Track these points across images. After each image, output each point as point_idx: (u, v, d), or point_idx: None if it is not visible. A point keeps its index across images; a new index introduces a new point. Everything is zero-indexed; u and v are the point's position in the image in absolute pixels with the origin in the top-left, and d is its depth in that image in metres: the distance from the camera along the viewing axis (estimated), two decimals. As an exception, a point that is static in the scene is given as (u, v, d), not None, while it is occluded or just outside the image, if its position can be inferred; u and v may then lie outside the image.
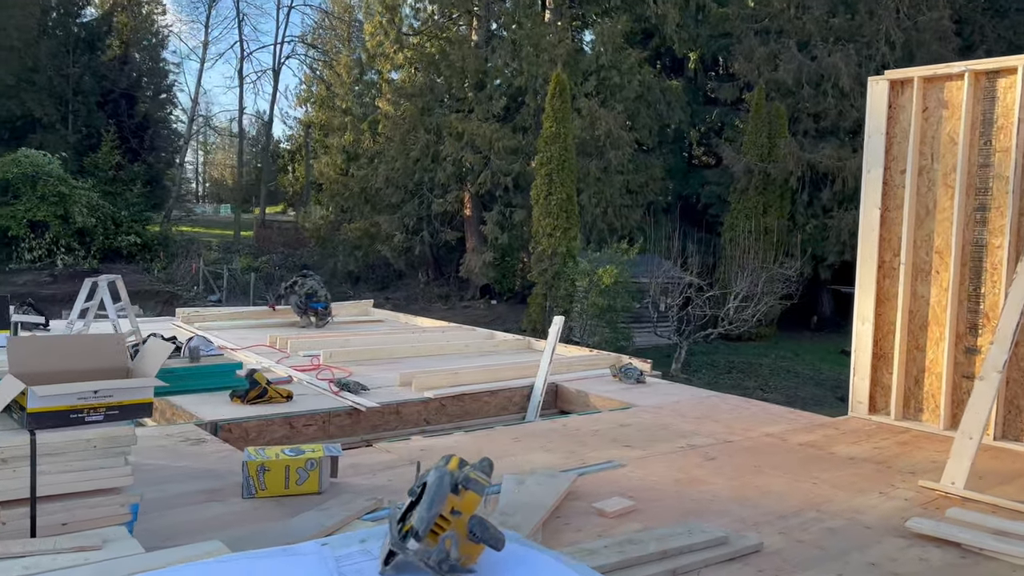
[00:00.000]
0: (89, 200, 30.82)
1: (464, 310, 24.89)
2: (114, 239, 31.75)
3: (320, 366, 7.46)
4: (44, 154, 30.98)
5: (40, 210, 29.12)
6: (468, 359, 8.45)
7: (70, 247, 30.35)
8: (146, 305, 27.27)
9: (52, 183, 29.36)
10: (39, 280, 28.55)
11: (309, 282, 10.48)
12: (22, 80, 36.54)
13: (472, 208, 24.61)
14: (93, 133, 36.82)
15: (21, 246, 29.38)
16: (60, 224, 29.76)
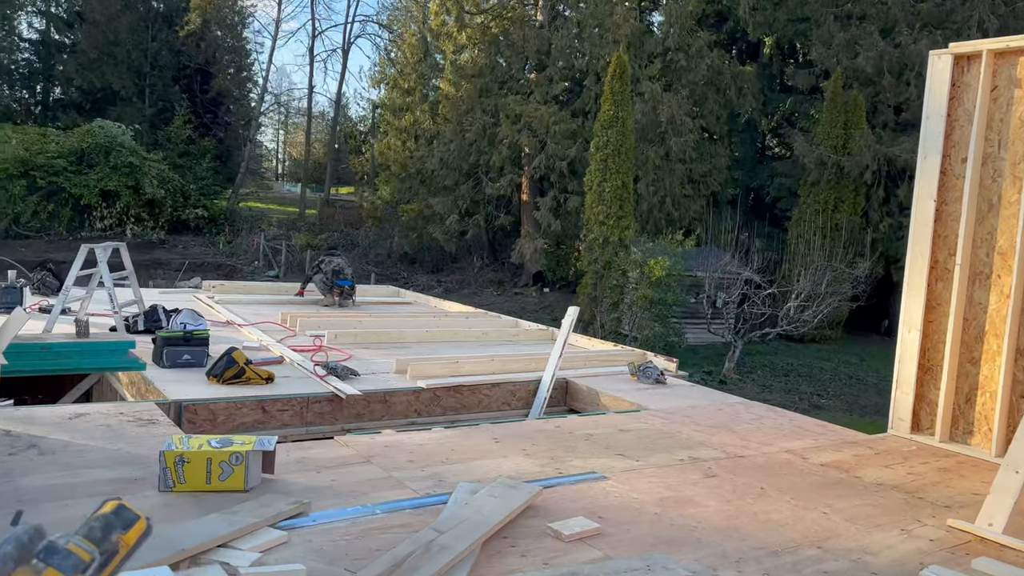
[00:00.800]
0: (159, 172, 31.53)
1: (515, 297, 24.45)
2: (182, 211, 32.44)
3: (320, 347, 7.11)
4: (118, 125, 31.82)
5: (112, 180, 29.91)
6: (483, 347, 7.98)
7: (139, 217, 31.13)
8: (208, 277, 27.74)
9: (124, 154, 30.12)
10: (108, 249, 29.37)
11: (336, 260, 10.20)
12: (103, 53, 37.71)
13: (529, 193, 24.09)
14: (168, 107, 37.75)
15: (93, 214, 30.27)
16: (131, 194, 30.53)
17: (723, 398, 6.72)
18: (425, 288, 25.13)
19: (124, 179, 30.35)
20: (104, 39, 37.50)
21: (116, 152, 30.20)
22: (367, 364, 6.65)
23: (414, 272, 26.66)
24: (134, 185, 30.66)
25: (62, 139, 29.59)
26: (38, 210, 29.22)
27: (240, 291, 10.42)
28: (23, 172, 28.45)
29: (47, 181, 28.93)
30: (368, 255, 27.31)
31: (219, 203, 33.84)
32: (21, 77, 41.09)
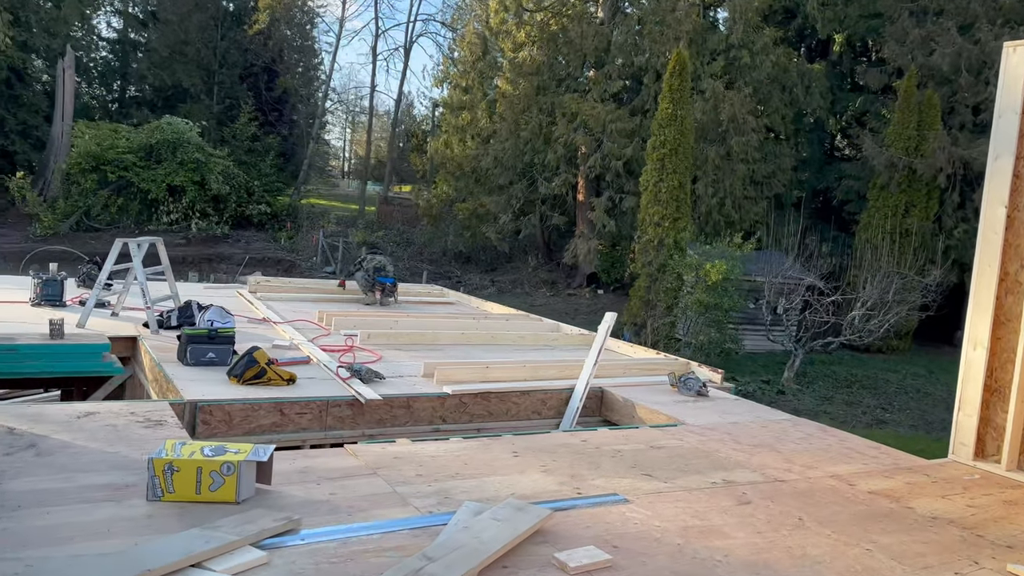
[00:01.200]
0: (224, 168, 32.19)
1: (568, 298, 24.11)
2: (246, 207, 33.06)
3: (351, 347, 6.96)
4: (186, 122, 32.61)
5: (179, 175, 30.65)
6: (519, 351, 7.73)
7: (205, 212, 31.83)
8: (268, 272, 28.23)
9: (191, 150, 30.84)
10: (173, 242, 30.07)
11: (378, 257, 10.09)
12: (175, 52, 38.81)
13: (584, 193, 23.73)
14: (234, 105, 38.59)
15: (160, 209, 31.07)
16: (196, 190, 31.24)
17: (769, 414, 6.31)
18: (478, 288, 25.00)
19: (190, 174, 31.07)
20: (176, 38, 38.58)
21: (183, 148, 30.96)
22: (396, 366, 6.46)
23: (468, 271, 26.55)
24: (200, 181, 31.37)
25: (132, 135, 30.48)
26: (108, 204, 30.16)
27: (284, 287, 10.39)
28: (94, 167, 29.40)
29: (117, 176, 29.83)
30: (423, 253, 27.35)
31: (282, 200, 34.39)
32: (99, 75, 42.62)
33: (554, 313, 22.39)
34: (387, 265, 10.01)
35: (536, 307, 23.16)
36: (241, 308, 8.61)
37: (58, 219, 28.52)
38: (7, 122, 34.18)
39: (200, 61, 38.83)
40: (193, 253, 29.09)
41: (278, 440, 5.13)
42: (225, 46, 39.42)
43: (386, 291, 9.90)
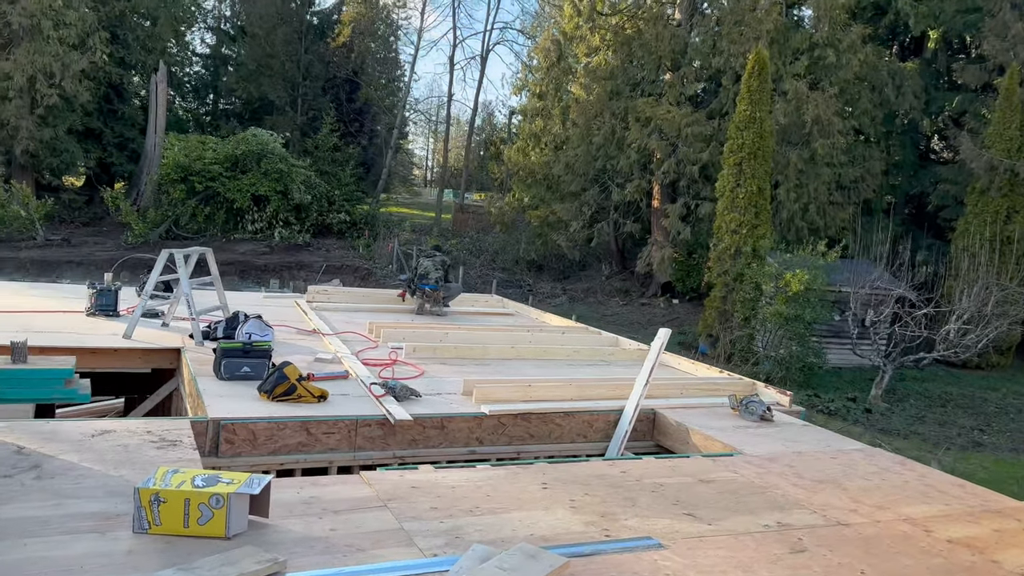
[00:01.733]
0: (306, 178, 32.88)
1: (642, 307, 23.47)
2: (327, 216, 33.66)
3: (394, 361, 6.73)
4: (270, 133, 33.49)
5: (263, 185, 31.45)
6: (571, 368, 7.34)
7: (287, 221, 32.56)
8: (346, 280, 28.66)
9: (274, 161, 31.61)
10: (257, 250, 30.94)
11: (425, 262, 9.87)
12: (261, 65, 40.01)
13: (660, 199, 23.07)
14: (317, 116, 39.46)
15: (245, 218, 31.93)
16: (280, 199, 31.99)
17: (840, 443, 5.73)
18: (549, 296, 24.64)
19: (274, 184, 31.83)
20: (262, 51, 39.77)
21: (267, 159, 31.76)
22: (438, 382, 6.19)
23: (540, 279, 26.22)
24: (283, 190, 32.09)
25: (219, 146, 31.46)
26: (196, 213, 31.19)
27: (342, 297, 10.30)
28: (183, 177, 30.46)
29: (204, 186, 30.82)
30: (495, 261, 27.17)
31: (361, 208, 34.89)
32: (193, 89, 44.35)
33: (626, 323, 21.82)
34: (432, 271, 9.77)
35: (608, 316, 22.64)
36: (294, 319, 8.54)
37: (149, 228, 29.66)
38: (105, 136, 35.83)
39: (285, 74, 39.91)
40: (276, 261, 29.79)
41: (305, 461, 4.92)
42: (308, 59, 40.40)
43: (427, 296, 9.68)
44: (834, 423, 14.31)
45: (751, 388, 6.94)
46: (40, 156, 29.90)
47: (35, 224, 27.58)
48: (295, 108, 40.68)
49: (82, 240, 29.53)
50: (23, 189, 27.44)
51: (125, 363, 6.54)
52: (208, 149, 31.16)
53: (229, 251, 30.09)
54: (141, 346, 6.54)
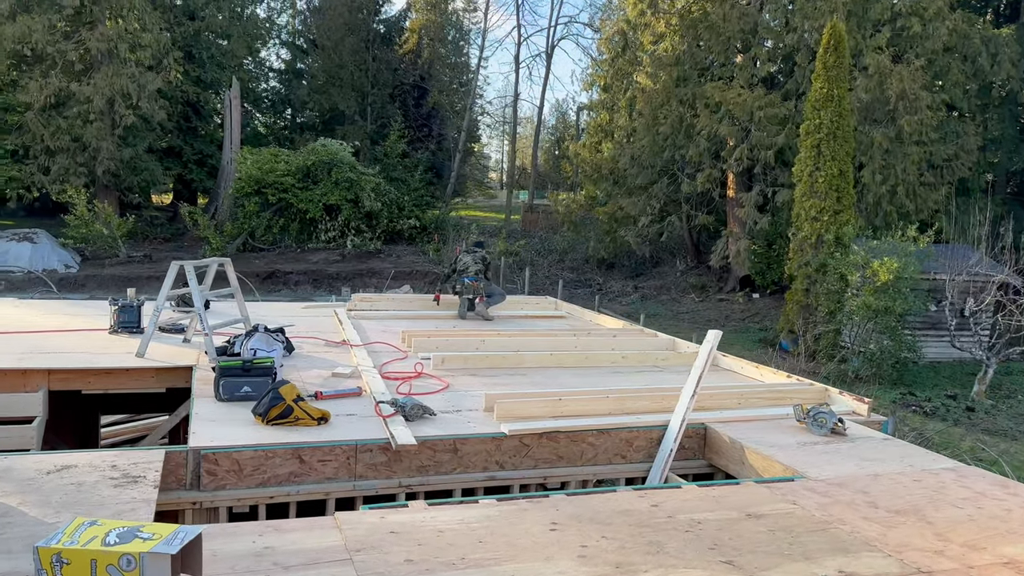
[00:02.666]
0: (376, 185, 32.99)
1: (719, 303, 22.32)
2: (397, 222, 33.70)
3: (419, 374, 6.18)
4: (340, 143, 33.75)
5: (334, 194, 31.68)
6: (617, 375, 6.63)
7: (359, 229, 32.74)
8: (416, 285, 28.53)
9: (344, 170, 31.81)
10: (330, 259, 31.18)
11: (464, 258, 9.32)
12: (331, 76, 40.53)
13: (735, 187, 21.86)
14: (386, 123, 39.68)
15: (319, 227, 32.26)
16: (351, 208, 32.18)
17: (926, 460, 4.83)
18: (620, 295, 23.76)
19: (344, 193, 32.03)
20: (331, 63, 40.27)
21: (337, 168, 31.99)
22: (459, 397, 5.59)
23: (611, 277, 25.36)
24: (353, 199, 32.26)
25: (290, 158, 31.86)
26: (270, 224, 31.68)
27: (389, 304, 9.86)
28: (256, 190, 30.96)
29: (277, 197, 31.25)
30: (564, 260, 26.47)
31: (431, 213, 34.79)
32: (270, 104, 45.35)
33: (701, 320, 20.76)
34: (470, 265, 9.19)
35: (682, 314, 21.63)
36: (328, 329, 8.11)
37: (225, 241, 30.25)
38: (185, 153, 36.91)
39: (354, 83, 40.28)
40: (347, 269, 29.91)
41: (298, 493, 4.40)
42: (376, 67, 40.67)
43: (465, 288, 9.11)
44: (932, 424, 13.03)
45: (822, 395, 6.07)
46: (121, 175, 30.91)
47: (117, 241, 28.47)
48: (364, 117, 41.01)
49: (163, 256, 30.35)
50: (105, 208, 28.37)
51: (138, 383, 6.21)
52: (280, 161, 31.60)
53: (303, 261, 30.43)
54: (154, 365, 6.19)
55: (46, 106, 28.72)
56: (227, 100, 35.26)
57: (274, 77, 46.42)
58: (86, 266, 27.66)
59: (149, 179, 32.99)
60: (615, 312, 21.18)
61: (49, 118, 29.09)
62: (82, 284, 26.29)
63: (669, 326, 19.79)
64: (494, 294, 9.40)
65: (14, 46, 28.20)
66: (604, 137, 24.05)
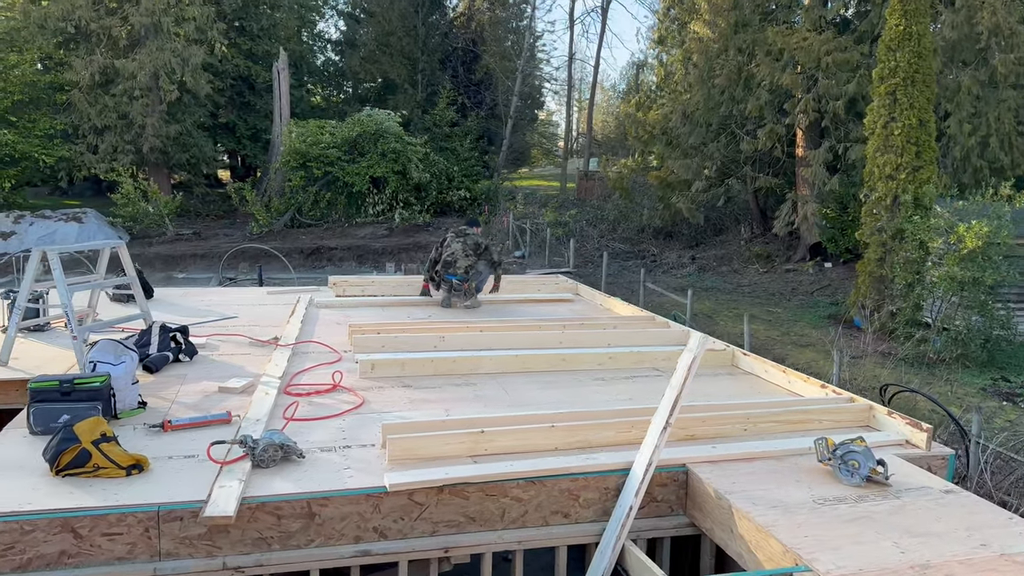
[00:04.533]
0: (424, 156, 31.81)
1: (786, 275, 20.21)
2: (446, 193, 32.49)
3: (335, 387, 4.84)
4: (388, 113, 32.61)
5: (380, 166, 30.64)
6: (597, 384, 5.13)
7: (408, 202, 31.68)
8: (463, 259, 27.28)
9: (390, 140, 30.71)
10: (376, 234, 30.23)
11: (454, 245, 7.88)
12: (381, 45, 39.35)
13: (803, 145, 19.60)
14: (436, 91, 38.36)
15: (366, 201, 31.33)
16: (398, 180, 31.10)
17: (1008, 533, 3.19)
18: (675, 267, 21.89)
19: (391, 165, 30.94)
20: (381, 30, 39.07)
21: (383, 139, 30.91)
22: (366, 425, 4.21)
23: (667, 247, 23.43)
24: (401, 170, 31.16)
25: (336, 130, 30.92)
26: (317, 199, 30.91)
27: (368, 287, 8.57)
28: (301, 164, 30.18)
29: (323, 171, 30.42)
30: (616, 230, 24.67)
31: (483, 183, 33.41)
32: (324, 75, 44.55)
33: (764, 294, 18.83)
34: (459, 257, 7.76)
35: (743, 287, 19.69)
36: (271, 322, 6.86)
37: (272, 217, 29.65)
38: (239, 128, 36.49)
39: (403, 50, 39.04)
40: (393, 244, 28.91)
41: (75, 579, 3.11)
42: (425, 32, 39.25)
43: (454, 290, 7.68)
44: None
45: (864, 416, 4.44)
46: (170, 152, 30.59)
47: (164, 219, 28.17)
48: (415, 85, 39.76)
49: (213, 233, 29.99)
50: (150, 186, 28.07)
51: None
52: (325, 133, 30.69)
53: (350, 236, 29.56)
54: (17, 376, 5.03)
55: (92, 84, 28.53)
56: (275, 72, 34.50)
57: (330, 49, 45.62)
58: (132, 245, 27.42)
59: (199, 155, 32.62)
60: (668, 286, 19.42)
61: (96, 96, 28.93)
62: (127, 264, 26.06)
63: (726, 302, 17.96)
64: (482, 275, 7.97)
65: (59, 24, 28.03)
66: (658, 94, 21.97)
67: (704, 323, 15.87)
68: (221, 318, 6.78)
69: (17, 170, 27.79)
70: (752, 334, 14.65)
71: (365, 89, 43.32)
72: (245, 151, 38.26)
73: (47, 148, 27.68)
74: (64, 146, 28.63)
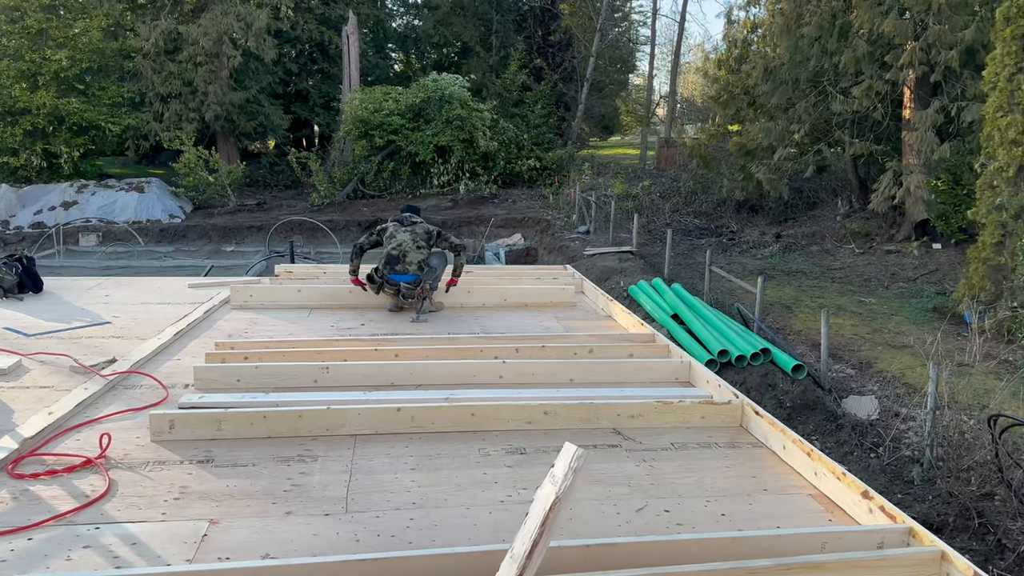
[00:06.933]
0: (492, 123, 30.03)
1: (886, 256, 17.41)
2: (515, 163, 30.65)
3: (89, 462, 3.19)
4: (455, 78, 30.92)
5: (445, 134, 29.09)
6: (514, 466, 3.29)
7: (474, 172, 30.05)
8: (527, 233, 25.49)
9: (456, 107, 29.08)
10: (440, 206, 28.75)
11: (400, 235, 6.07)
12: (454, 5, 37.59)
13: (913, 105, 16.66)
14: (509, 55, 36.38)
15: (431, 171, 29.90)
16: (464, 148, 29.50)
17: None
18: (756, 246, 19.33)
19: (457, 133, 29.33)
20: (453, -11, 37.34)
21: (448, 105, 29.28)
22: (79, 544, 2.53)
23: (749, 223, 20.85)
24: (467, 139, 29.51)
25: (401, 96, 29.47)
26: (380, 169, 29.69)
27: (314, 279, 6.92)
28: (364, 132, 28.96)
29: (385, 139, 29.12)
30: (690, 203, 22.17)
31: (555, 153, 31.33)
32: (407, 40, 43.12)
33: (859, 280, 16.21)
34: (409, 250, 5.95)
35: (834, 270, 17.09)
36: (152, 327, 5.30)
37: (335, 188, 28.62)
38: (311, 96, 35.56)
39: (477, 11, 37.16)
40: (456, 216, 27.33)
41: None
42: (499, -11, 37.23)
43: (404, 296, 5.88)
44: None
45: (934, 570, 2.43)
46: (235, 120, 29.93)
47: (226, 189, 27.55)
48: (488, 48, 37.84)
49: (276, 204, 29.25)
50: (212, 155, 27.45)
51: None
52: (389, 100, 29.28)
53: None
54: None
55: (158, 50, 28.06)
56: (344, 37, 33.28)
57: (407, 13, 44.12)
58: (194, 216, 26.94)
59: (266, 123, 31.88)
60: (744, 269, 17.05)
61: (161, 63, 28.47)
62: (183, 235, 25.52)
63: (810, 288, 15.48)
64: (436, 270, 6.14)
65: (123, -12, 27.65)
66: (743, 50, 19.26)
67: (779, 315, 13.55)
68: (90, 324, 5.27)
69: (86, 139, 27.67)
70: (836, 331, 12.30)
71: (443, 55, 41.72)
72: (318, 119, 37.44)
73: (114, 116, 27.43)
74: (131, 115, 28.35)
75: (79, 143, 27.37)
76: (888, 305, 14.52)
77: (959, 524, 7.46)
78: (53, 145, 26.91)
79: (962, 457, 8.14)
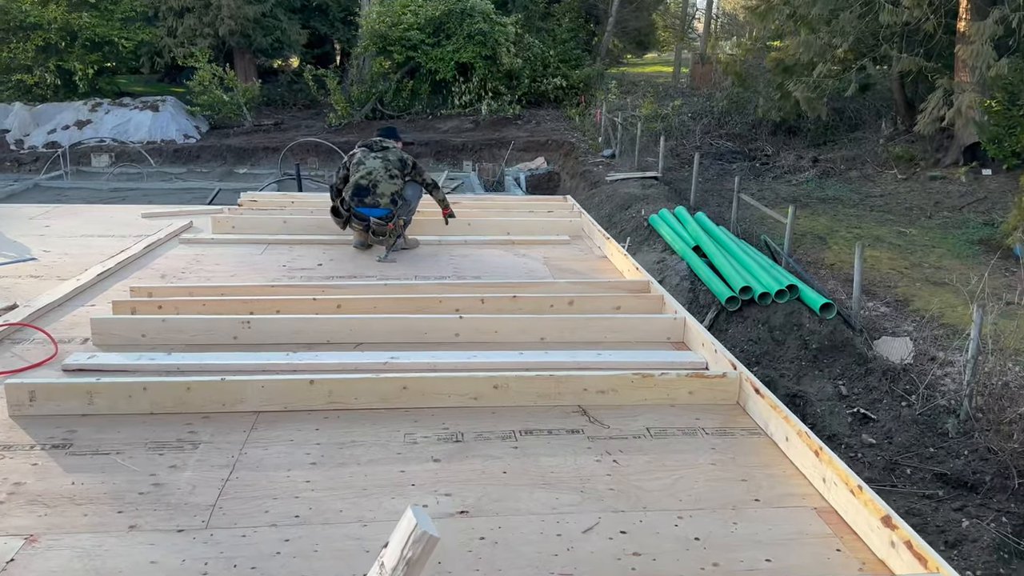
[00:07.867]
0: (517, 39, 28.52)
1: (930, 183, 16.18)
2: (540, 82, 29.24)
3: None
4: (477, -14, 29.27)
5: (467, 51, 27.72)
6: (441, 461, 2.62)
7: (497, 91, 28.74)
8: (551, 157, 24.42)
9: (477, 20, 27.58)
10: (460, 127, 27.70)
11: (370, 162, 5.29)
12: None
13: (969, 15, 15.14)
14: (542, -39, 34.35)
15: (452, 90, 28.69)
16: (486, 66, 28.12)
17: None
18: (791, 171, 18.15)
19: (479, 49, 27.90)
20: None
21: (470, 19, 27.77)
22: None
23: (785, 146, 19.56)
24: (490, 55, 28.08)
25: (420, 9, 28.01)
26: (399, 88, 28.56)
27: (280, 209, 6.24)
28: (382, 48, 27.72)
29: (404, 56, 27.86)
30: (723, 125, 20.85)
31: (582, 71, 29.79)
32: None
33: (900, 208, 15.13)
34: (380, 180, 5.17)
35: (873, 198, 15.96)
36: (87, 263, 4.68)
37: (353, 108, 27.62)
38: (331, 9, 34.09)
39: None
40: (477, 139, 26.30)
41: None
42: None
43: (374, 233, 5.14)
44: None
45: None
46: (251, 35, 28.78)
47: (242, 109, 26.72)
48: (519, -46, 35.77)
49: (294, 124, 28.39)
50: (227, 72, 26.53)
51: None
52: (408, 13, 27.85)
53: (432, 130, 27.16)
54: None
55: (171, -39, 26.92)
56: (364, -56, 31.66)
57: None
58: (210, 136, 26.24)
59: (282, 39, 30.68)
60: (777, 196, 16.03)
61: (174, -25, 27.35)
62: (196, 156, 24.90)
63: (846, 217, 14.45)
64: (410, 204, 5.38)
65: None
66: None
67: (811, 247, 12.64)
68: (12, 261, 4.67)
69: (99, 55, 26.86)
70: (871, 265, 11.39)
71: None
72: (338, 35, 36.01)
73: (127, 32, 26.52)
74: (145, 30, 27.41)
75: (93, 59, 26.57)
76: (930, 236, 13.47)
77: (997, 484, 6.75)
78: (67, 62, 26.13)
79: (1005, 409, 7.37)
